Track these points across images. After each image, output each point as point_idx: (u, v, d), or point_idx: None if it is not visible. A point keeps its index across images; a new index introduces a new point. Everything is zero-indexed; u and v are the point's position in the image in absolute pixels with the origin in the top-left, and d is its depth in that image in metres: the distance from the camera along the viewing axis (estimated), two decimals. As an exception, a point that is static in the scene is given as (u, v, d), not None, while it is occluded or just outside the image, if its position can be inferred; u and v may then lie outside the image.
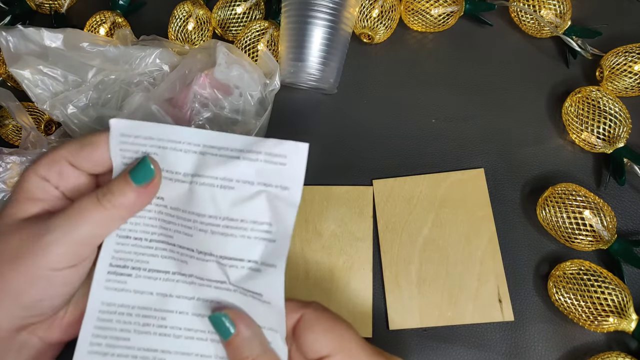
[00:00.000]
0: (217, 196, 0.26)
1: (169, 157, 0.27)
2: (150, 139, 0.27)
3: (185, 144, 0.26)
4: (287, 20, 0.42)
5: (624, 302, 0.35)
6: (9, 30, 0.40)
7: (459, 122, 0.44)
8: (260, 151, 0.26)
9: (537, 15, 0.44)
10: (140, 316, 0.27)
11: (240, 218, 0.26)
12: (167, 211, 0.27)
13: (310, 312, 0.27)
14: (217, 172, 0.26)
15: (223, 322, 0.26)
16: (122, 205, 0.26)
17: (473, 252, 0.39)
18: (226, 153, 0.26)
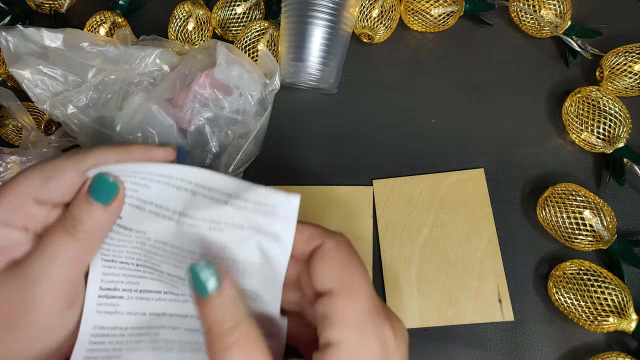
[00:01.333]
0: (206, 237, 0.25)
1: (161, 191, 0.26)
2: (140, 172, 0.26)
3: (178, 179, 0.25)
4: (287, 20, 0.42)
5: (624, 302, 0.35)
6: (9, 30, 0.40)
7: (459, 122, 0.44)
8: (249, 199, 0.24)
9: (537, 15, 0.44)
10: (133, 335, 0.27)
11: (231, 259, 0.25)
12: (151, 243, 0.26)
13: (330, 242, 0.25)
14: (205, 214, 0.25)
15: (208, 274, 0.22)
16: (94, 229, 0.25)
17: (473, 252, 0.39)
18: (215, 195, 0.25)
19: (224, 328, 0.22)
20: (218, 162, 0.40)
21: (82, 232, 0.24)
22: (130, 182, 0.26)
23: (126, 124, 0.38)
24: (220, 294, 0.22)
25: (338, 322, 0.23)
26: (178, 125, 0.39)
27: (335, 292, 0.23)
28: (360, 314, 0.23)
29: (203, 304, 0.22)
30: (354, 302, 0.23)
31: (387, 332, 0.23)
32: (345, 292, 0.23)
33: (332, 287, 0.23)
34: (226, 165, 0.40)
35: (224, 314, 0.22)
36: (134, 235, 0.26)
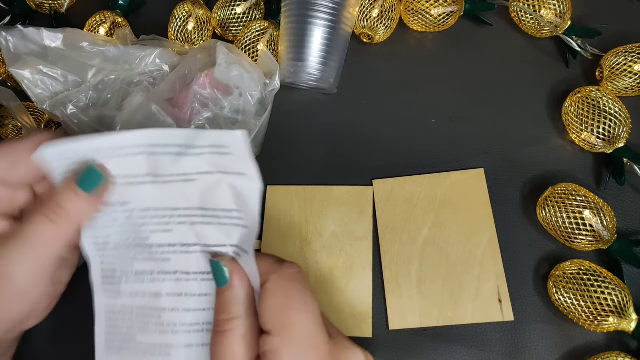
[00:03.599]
0: (185, 189, 0.26)
1: (120, 163, 0.26)
2: (92, 151, 0.26)
3: (129, 147, 0.26)
4: (287, 20, 0.42)
5: (624, 302, 0.35)
6: (9, 30, 0.40)
7: (459, 122, 0.44)
8: (203, 145, 0.26)
9: (537, 15, 0.44)
10: (140, 316, 0.28)
11: (212, 207, 0.27)
12: (137, 214, 0.27)
13: (273, 279, 0.26)
14: (172, 169, 0.26)
15: (220, 270, 0.26)
16: (75, 217, 0.26)
17: (473, 252, 0.39)
18: (172, 150, 0.26)
19: (222, 317, 0.25)
20: (218, 162, 0.40)
21: (62, 220, 0.26)
22: None
23: (126, 124, 0.38)
24: (227, 289, 0.25)
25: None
26: (178, 125, 0.39)
27: (272, 332, 0.24)
28: (295, 355, 0.24)
29: (217, 292, 0.26)
30: (289, 343, 0.24)
31: None
32: (280, 334, 0.24)
33: (270, 329, 0.24)
34: (226, 165, 0.40)
35: (226, 306, 0.25)
36: (119, 210, 0.27)
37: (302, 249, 0.40)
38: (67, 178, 0.26)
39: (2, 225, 0.26)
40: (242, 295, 0.25)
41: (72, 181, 0.26)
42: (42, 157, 0.26)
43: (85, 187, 0.26)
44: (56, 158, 0.26)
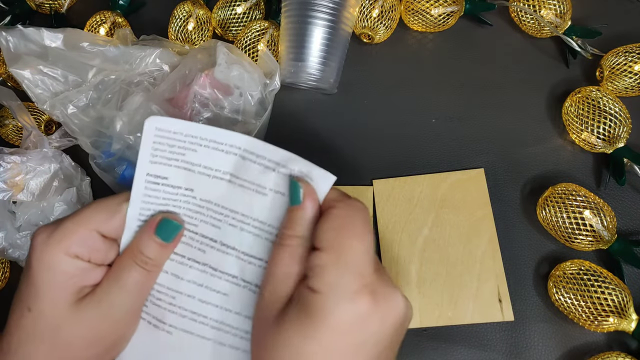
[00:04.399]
0: (253, 199, 0.28)
1: (209, 154, 0.28)
2: (191, 136, 0.28)
3: (227, 145, 0.28)
4: (287, 20, 0.42)
5: (624, 302, 0.35)
6: (9, 30, 0.40)
7: (459, 122, 0.44)
8: (294, 169, 0.28)
9: (537, 15, 0.44)
10: (154, 290, 0.29)
11: (269, 223, 0.28)
12: (196, 202, 0.28)
13: (341, 207, 0.26)
14: (254, 177, 0.28)
15: (297, 190, 0.27)
16: (159, 264, 0.28)
17: (473, 252, 0.39)
18: (264, 162, 0.28)
19: (287, 232, 0.26)
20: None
21: (149, 265, 0.28)
22: (178, 147, 0.28)
23: (126, 124, 0.38)
24: (298, 208, 0.26)
25: (318, 275, 0.24)
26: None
27: (324, 249, 0.25)
28: (339, 276, 0.24)
29: (289, 209, 0.27)
30: (338, 263, 0.24)
31: (363, 302, 0.24)
32: (333, 252, 0.24)
33: (323, 246, 0.25)
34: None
35: (293, 223, 0.26)
36: (181, 192, 0.28)
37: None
38: (145, 227, 0.28)
39: (99, 274, 0.28)
40: (309, 217, 0.26)
41: (152, 231, 0.28)
42: (149, 125, 0.28)
43: (165, 237, 0.28)
44: (160, 129, 0.28)
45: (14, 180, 0.40)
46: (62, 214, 0.41)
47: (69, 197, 0.42)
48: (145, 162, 0.28)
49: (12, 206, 0.41)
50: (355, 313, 0.24)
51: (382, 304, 0.24)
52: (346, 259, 0.24)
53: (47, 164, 0.41)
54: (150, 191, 0.28)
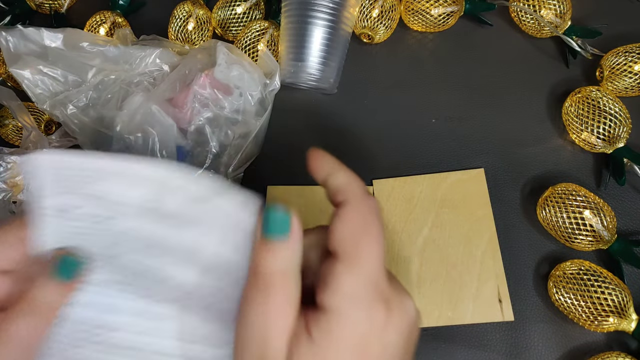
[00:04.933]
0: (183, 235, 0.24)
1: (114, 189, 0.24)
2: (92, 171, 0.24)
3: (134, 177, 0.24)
4: (287, 20, 0.42)
5: (624, 302, 0.35)
6: (9, 30, 0.40)
7: (459, 122, 0.44)
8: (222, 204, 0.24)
9: (537, 15, 0.44)
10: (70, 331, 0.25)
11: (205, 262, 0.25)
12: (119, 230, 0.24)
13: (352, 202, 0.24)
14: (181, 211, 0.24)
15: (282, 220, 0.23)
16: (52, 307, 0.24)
17: (473, 252, 0.39)
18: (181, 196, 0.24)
19: (273, 279, 0.22)
20: (218, 162, 0.40)
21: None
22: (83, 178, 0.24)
23: (126, 124, 0.38)
24: (285, 243, 0.23)
25: (332, 288, 0.22)
26: (178, 125, 0.39)
27: (339, 256, 0.23)
28: (355, 286, 0.22)
29: (265, 246, 0.23)
30: (353, 273, 0.22)
31: (378, 312, 0.23)
32: (347, 261, 0.23)
33: (338, 251, 0.23)
34: (226, 165, 0.40)
35: (280, 265, 0.23)
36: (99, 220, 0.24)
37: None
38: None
39: None
40: (300, 252, 0.23)
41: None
42: (33, 164, 0.23)
43: (63, 274, 0.23)
44: (49, 169, 0.24)
45: (14, 180, 0.40)
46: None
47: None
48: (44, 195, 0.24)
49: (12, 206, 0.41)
50: (371, 325, 0.22)
51: (396, 313, 0.23)
52: (363, 268, 0.23)
53: None
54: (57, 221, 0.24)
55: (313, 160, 0.26)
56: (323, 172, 0.26)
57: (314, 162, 0.26)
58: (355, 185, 0.25)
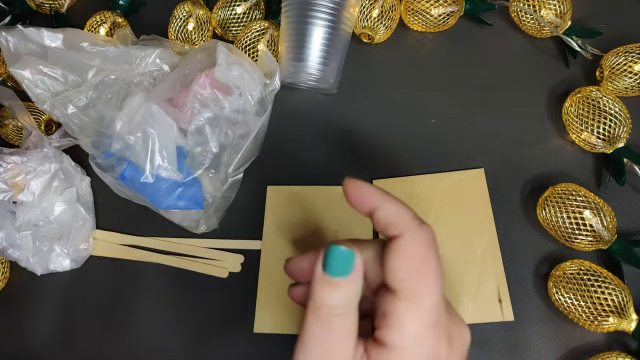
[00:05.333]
0: None
1: None
2: None
3: None
4: (287, 20, 0.42)
5: (624, 302, 0.35)
6: (9, 30, 0.40)
7: (459, 122, 0.44)
8: None
9: (537, 15, 0.44)
10: None
11: None
12: None
13: (410, 237, 0.23)
14: None
15: (347, 259, 0.22)
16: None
17: (473, 252, 0.39)
18: None
19: (334, 312, 0.22)
20: (218, 162, 0.40)
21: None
22: None
23: (126, 124, 0.38)
24: (347, 281, 0.22)
25: (395, 327, 0.22)
26: (178, 125, 0.39)
27: (400, 294, 0.22)
28: (419, 325, 0.22)
29: (326, 282, 0.22)
30: (417, 311, 0.22)
31: (441, 348, 0.23)
32: (410, 298, 0.22)
33: (398, 289, 0.22)
34: (226, 165, 0.40)
35: (341, 300, 0.22)
36: None
37: (302, 249, 0.40)
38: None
39: None
40: (359, 289, 0.23)
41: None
42: None
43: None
44: None
45: (15, 180, 0.40)
46: (62, 214, 0.41)
47: (69, 197, 0.42)
48: None
49: (12, 206, 0.41)
50: None
51: (456, 344, 0.23)
52: (425, 305, 0.22)
53: (47, 164, 0.41)
54: None
55: (354, 192, 0.25)
56: (369, 205, 0.25)
57: (355, 194, 0.25)
58: (408, 216, 0.24)
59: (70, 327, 0.41)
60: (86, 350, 0.40)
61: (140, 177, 0.37)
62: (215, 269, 0.41)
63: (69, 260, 0.41)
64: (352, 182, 0.25)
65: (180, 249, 0.42)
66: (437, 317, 0.23)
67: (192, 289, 0.41)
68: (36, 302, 0.42)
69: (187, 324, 0.40)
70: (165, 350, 0.39)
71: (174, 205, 0.39)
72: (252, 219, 0.42)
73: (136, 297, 0.41)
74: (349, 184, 0.25)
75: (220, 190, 0.41)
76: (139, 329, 0.40)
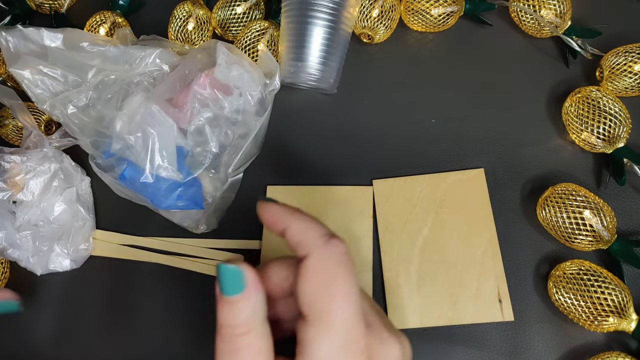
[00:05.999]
0: None
1: None
2: None
3: None
4: (287, 20, 0.42)
5: (624, 302, 0.35)
6: (9, 30, 0.40)
7: (459, 122, 0.44)
8: None
9: (537, 15, 0.44)
10: None
11: None
12: None
13: (316, 255, 0.22)
14: None
15: (234, 276, 0.22)
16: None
17: (473, 252, 0.39)
18: None
19: (236, 332, 0.22)
20: (218, 162, 0.40)
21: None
22: None
23: (126, 124, 0.38)
24: (242, 298, 0.22)
25: (306, 354, 0.22)
26: (178, 125, 0.39)
27: (308, 320, 0.22)
28: (328, 349, 0.22)
29: (223, 301, 0.22)
30: (326, 335, 0.22)
31: None
32: (317, 323, 0.22)
33: (307, 314, 0.22)
34: (226, 165, 0.40)
35: (240, 319, 0.22)
36: None
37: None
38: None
39: None
40: (260, 304, 0.23)
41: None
42: None
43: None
44: None
45: (14, 180, 0.40)
46: (62, 214, 0.41)
47: (69, 197, 0.42)
48: None
49: (12, 206, 0.41)
50: None
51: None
52: (336, 329, 0.21)
53: (47, 164, 0.41)
54: None
55: (265, 214, 0.25)
56: (280, 225, 0.24)
57: (266, 216, 0.25)
58: (315, 234, 0.23)
59: (70, 327, 0.41)
60: (86, 350, 0.40)
61: (140, 177, 0.37)
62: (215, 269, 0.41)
63: (69, 260, 0.41)
64: (263, 204, 0.25)
65: (180, 249, 0.42)
66: (351, 337, 0.22)
67: (192, 289, 0.41)
68: (36, 302, 0.42)
69: (186, 324, 0.40)
70: (165, 350, 0.39)
71: (174, 205, 0.39)
72: (252, 219, 0.42)
73: (136, 297, 0.41)
74: (261, 207, 0.25)
75: (220, 190, 0.41)
76: (139, 329, 0.40)
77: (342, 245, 0.23)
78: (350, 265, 0.23)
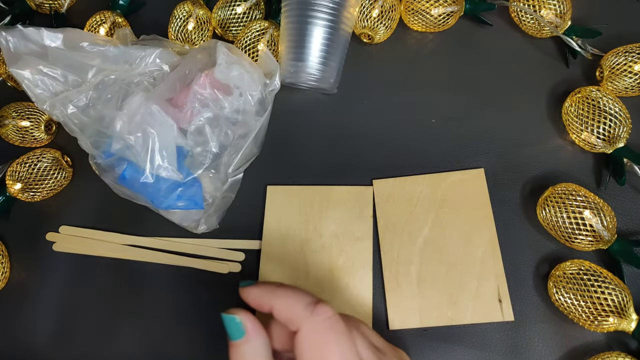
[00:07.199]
0: None
1: None
2: None
3: None
4: (287, 20, 0.42)
5: (624, 302, 0.35)
6: (9, 30, 0.40)
7: (459, 122, 0.44)
8: None
9: (537, 15, 0.44)
10: None
11: None
12: None
13: (306, 329, 0.25)
14: None
15: (234, 324, 0.26)
16: None
17: (473, 252, 0.39)
18: None
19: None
20: (218, 162, 0.40)
21: None
22: None
23: (126, 124, 0.38)
24: (244, 342, 0.26)
25: None
26: (178, 125, 0.39)
27: None
28: None
29: (230, 345, 0.26)
30: None
31: None
32: None
33: None
34: (226, 165, 0.40)
35: (244, 356, 0.26)
36: None
37: (302, 249, 0.40)
38: None
39: None
40: (262, 344, 0.26)
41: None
42: None
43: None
44: None
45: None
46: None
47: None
48: None
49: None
50: None
51: None
52: None
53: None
54: None
55: (247, 299, 0.27)
56: (266, 306, 0.27)
57: (249, 300, 0.27)
58: (299, 307, 0.26)
59: (70, 327, 0.41)
60: (86, 350, 0.40)
61: (140, 177, 0.37)
62: (216, 265, 0.41)
63: None
64: (244, 290, 0.28)
65: (180, 248, 0.42)
66: None
67: (192, 289, 0.41)
68: (36, 302, 0.42)
69: (187, 324, 0.40)
70: (165, 349, 0.39)
71: (174, 205, 0.39)
72: (252, 219, 0.42)
73: (136, 297, 0.41)
74: (243, 293, 0.28)
75: (220, 190, 0.41)
76: (139, 329, 0.40)
77: (327, 309, 0.26)
78: (340, 325, 0.25)
